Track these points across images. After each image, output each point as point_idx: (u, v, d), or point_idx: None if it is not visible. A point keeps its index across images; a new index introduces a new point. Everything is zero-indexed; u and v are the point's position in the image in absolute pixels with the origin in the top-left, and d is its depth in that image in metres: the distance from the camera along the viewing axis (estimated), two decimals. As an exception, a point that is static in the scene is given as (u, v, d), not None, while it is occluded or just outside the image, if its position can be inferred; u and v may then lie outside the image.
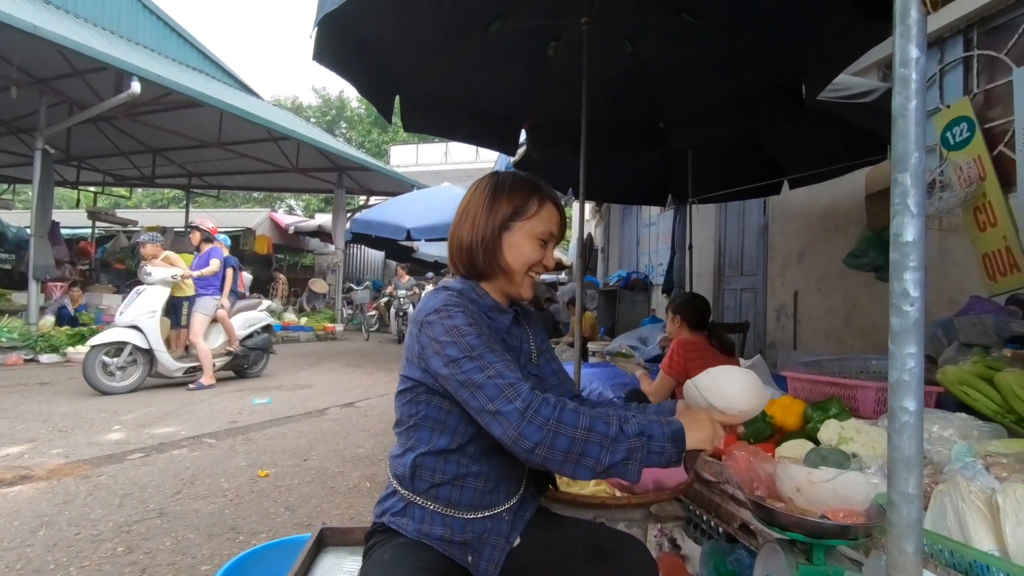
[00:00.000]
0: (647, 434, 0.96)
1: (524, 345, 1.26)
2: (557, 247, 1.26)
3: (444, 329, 1.03)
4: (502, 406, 0.96)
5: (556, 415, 0.95)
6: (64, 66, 8.00)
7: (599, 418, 0.97)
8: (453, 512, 1.11)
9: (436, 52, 3.12)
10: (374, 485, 3.08)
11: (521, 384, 0.98)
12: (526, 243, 1.16)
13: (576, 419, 0.95)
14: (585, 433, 0.94)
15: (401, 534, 1.11)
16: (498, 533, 1.13)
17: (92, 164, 12.92)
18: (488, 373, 0.99)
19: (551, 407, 0.96)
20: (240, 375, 6.58)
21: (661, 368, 2.87)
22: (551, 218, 1.18)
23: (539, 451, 0.94)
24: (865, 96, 3.50)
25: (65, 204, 19.05)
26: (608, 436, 0.95)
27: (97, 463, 3.31)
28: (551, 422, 0.94)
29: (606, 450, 0.94)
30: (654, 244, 8.82)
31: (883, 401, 1.75)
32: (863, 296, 4.71)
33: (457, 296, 1.11)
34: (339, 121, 30.25)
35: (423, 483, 1.12)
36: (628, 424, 0.97)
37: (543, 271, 1.20)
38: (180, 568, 2.11)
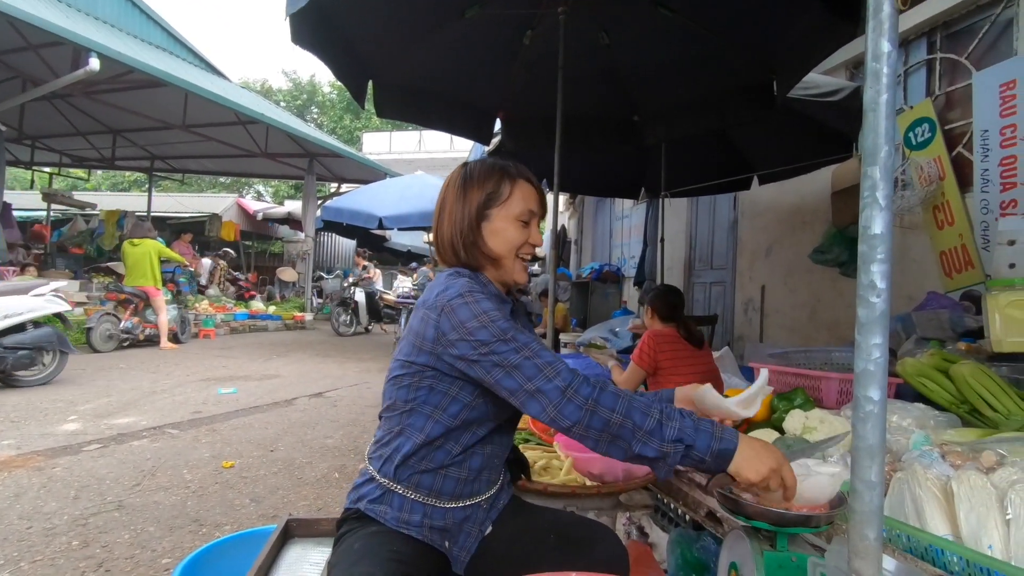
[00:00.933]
0: (687, 442, 0.93)
1: None
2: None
3: (472, 314, 1.01)
4: (542, 384, 0.96)
5: (595, 395, 0.95)
6: (17, 39, 7.60)
7: (637, 408, 0.95)
8: (433, 501, 1.10)
9: (411, 37, 3.06)
10: (343, 476, 3.04)
11: (559, 363, 0.98)
12: (507, 227, 1.15)
13: (615, 403, 0.95)
14: (621, 418, 0.94)
15: (377, 521, 1.09)
16: (474, 520, 1.14)
17: (48, 144, 12.36)
18: (524, 354, 0.98)
19: (591, 387, 0.96)
20: (5, 383, 4.88)
21: (632, 359, 2.90)
22: (527, 196, 1.17)
23: (576, 429, 0.95)
24: (833, 95, 3.58)
25: (18, 185, 18.25)
26: (643, 428, 0.94)
27: (51, 455, 3.18)
28: (590, 402, 0.94)
29: (638, 440, 0.94)
30: (627, 237, 8.91)
31: (846, 392, 1.80)
32: (827, 291, 4.84)
33: (475, 281, 1.11)
34: (310, 106, 29.60)
35: (406, 470, 1.10)
36: (669, 424, 0.94)
37: (532, 251, 1.17)
38: (139, 562, 2.05)
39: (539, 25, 3.11)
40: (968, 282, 3.50)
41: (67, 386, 5.01)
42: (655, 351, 2.78)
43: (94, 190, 20.07)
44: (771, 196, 5.39)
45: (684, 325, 2.91)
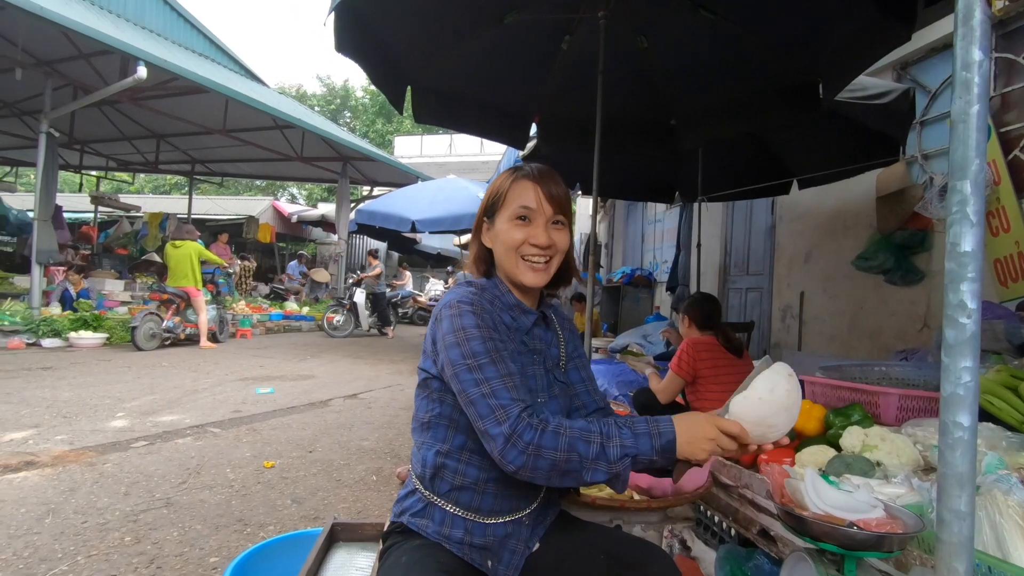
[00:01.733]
0: (631, 455, 0.94)
1: (552, 349, 1.23)
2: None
3: (452, 327, 1.03)
4: (490, 427, 0.96)
5: (537, 439, 0.94)
6: (70, 49, 7.94)
7: (579, 439, 0.94)
8: (474, 516, 1.09)
9: (449, 44, 3.09)
10: (380, 479, 3.07)
11: (513, 406, 0.96)
12: (505, 228, 1.14)
13: (556, 442, 0.94)
14: (565, 455, 0.94)
15: (420, 535, 1.10)
16: (518, 537, 1.12)
17: (95, 148, 12.87)
18: (483, 390, 0.98)
19: (533, 431, 0.95)
20: None
21: (670, 367, 2.86)
22: (522, 194, 1.14)
23: (523, 473, 0.95)
24: (880, 97, 3.46)
25: (68, 188, 19.02)
26: (588, 457, 0.94)
27: (102, 450, 3.30)
28: (531, 446, 0.94)
29: (587, 470, 0.94)
30: (659, 241, 8.79)
31: (906, 408, 1.74)
32: (869, 298, 4.69)
33: (476, 292, 1.09)
34: (343, 110, 30.13)
35: (444, 484, 1.10)
36: (610, 444, 0.94)
37: (535, 251, 1.12)
38: (188, 559, 2.10)
39: (577, 30, 3.10)
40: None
41: (114, 383, 5.19)
42: (694, 359, 2.73)
43: (137, 193, 20.83)
44: (811, 200, 5.25)
45: (723, 333, 2.86)
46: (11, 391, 4.61)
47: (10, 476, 2.82)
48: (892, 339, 4.38)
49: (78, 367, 5.91)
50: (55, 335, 7.21)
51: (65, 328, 7.31)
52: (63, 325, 7.33)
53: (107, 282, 9.93)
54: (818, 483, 1.03)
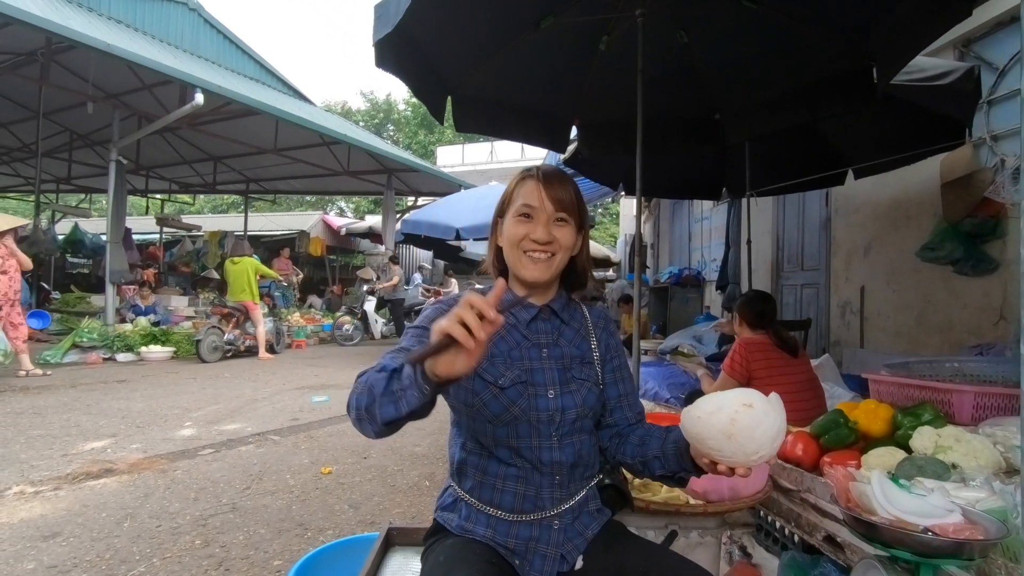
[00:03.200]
0: (390, 368, 0.92)
1: (569, 347, 1.19)
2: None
3: (415, 323, 1.17)
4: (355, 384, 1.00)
5: (361, 379, 0.97)
6: (134, 81, 8.48)
7: (377, 372, 0.95)
8: (495, 512, 1.10)
9: (487, 52, 3.12)
10: (433, 484, 3.12)
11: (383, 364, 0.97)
12: (510, 224, 1.17)
13: (366, 375, 0.96)
14: (367, 387, 0.93)
15: (447, 529, 1.13)
16: (548, 543, 1.09)
17: (159, 173, 13.68)
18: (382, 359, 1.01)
19: (364, 378, 0.97)
20: None
21: (723, 368, 2.78)
22: (526, 193, 1.17)
23: (352, 413, 0.95)
24: (942, 78, 3.28)
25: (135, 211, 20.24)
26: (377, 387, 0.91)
27: (172, 458, 3.48)
28: (357, 384, 0.97)
29: (376, 400, 0.90)
30: (706, 239, 8.59)
31: (982, 407, 1.63)
32: (938, 291, 4.42)
33: (454, 300, 1.15)
34: (387, 124, 30.87)
35: (468, 481, 1.14)
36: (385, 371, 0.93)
37: (535, 246, 1.14)
38: (254, 562, 2.19)
39: (615, 30, 3.07)
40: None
41: (182, 394, 5.47)
42: (748, 360, 2.65)
43: (198, 213, 21.96)
44: (868, 190, 5.01)
45: (776, 332, 2.76)
46: (91, 403, 4.93)
47: (92, 482, 3.01)
48: (964, 333, 4.11)
49: (149, 379, 6.27)
50: (128, 350, 7.67)
51: (137, 343, 7.77)
52: (135, 340, 7.80)
53: (172, 298, 10.50)
54: (887, 486, 0.98)
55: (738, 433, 0.90)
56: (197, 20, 10.88)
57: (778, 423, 0.93)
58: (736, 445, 0.91)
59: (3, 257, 5.88)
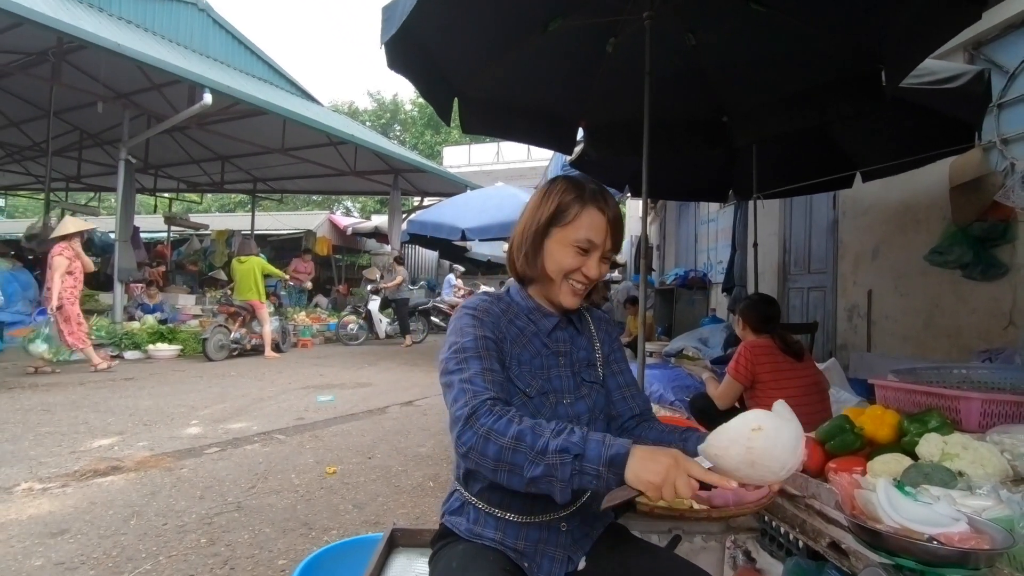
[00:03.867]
0: (573, 452, 0.89)
1: (581, 352, 1.22)
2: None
3: (453, 327, 1.10)
4: (457, 410, 0.97)
5: (491, 423, 0.94)
6: (143, 81, 8.54)
7: (529, 430, 0.92)
8: (504, 514, 1.10)
9: (494, 54, 3.12)
10: (437, 485, 3.12)
11: (484, 393, 0.97)
12: (560, 250, 1.13)
13: (508, 428, 0.93)
14: (513, 442, 0.91)
15: (455, 533, 1.12)
16: (556, 544, 1.10)
17: (167, 172, 13.76)
18: (462, 377, 1.00)
19: (492, 416, 0.94)
20: None
21: (727, 371, 2.77)
22: (591, 225, 1.12)
23: (472, 456, 0.94)
24: (951, 81, 3.25)
25: (144, 210, 20.37)
26: (533, 448, 0.90)
27: (179, 456, 3.50)
28: (483, 428, 0.93)
29: (530, 462, 0.90)
30: (712, 241, 8.55)
31: (990, 414, 1.62)
32: (947, 295, 4.39)
33: (488, 299, 1.15)
34: (393, 124, 30.95)
35: (476, 483, 1.12)
36: (557, 439, 0.91)
37: (585, 280, 1.14)
38: (259, 561, 2.20)
39: (622, 32, 3.07)
40: None
41: (188, 392, 5.51)
42: (752, 363, 2.64)
43: (205, 212, 22.08)
44: (876, 193, 4.98)
45: (780, 336, 2.75)
46: (99, 400, 4.97)
47: (99, 480, 3.04)
48: (973, 339, 4.08)
49: (156, 377, 6.32)
50: (136, 347, 7.72)
51: (144, 341, 7.82)
52: (143, 338, 7.85)
53: (180, 297, 10.57)
54: (892, 494, 0.98)
55: (759, 459, 0.90)
56: (206, 20, 10.94)
57: (794, 434, 0.93)
58: (762, 470, 0.91)
59: (70, 259, 6.30)
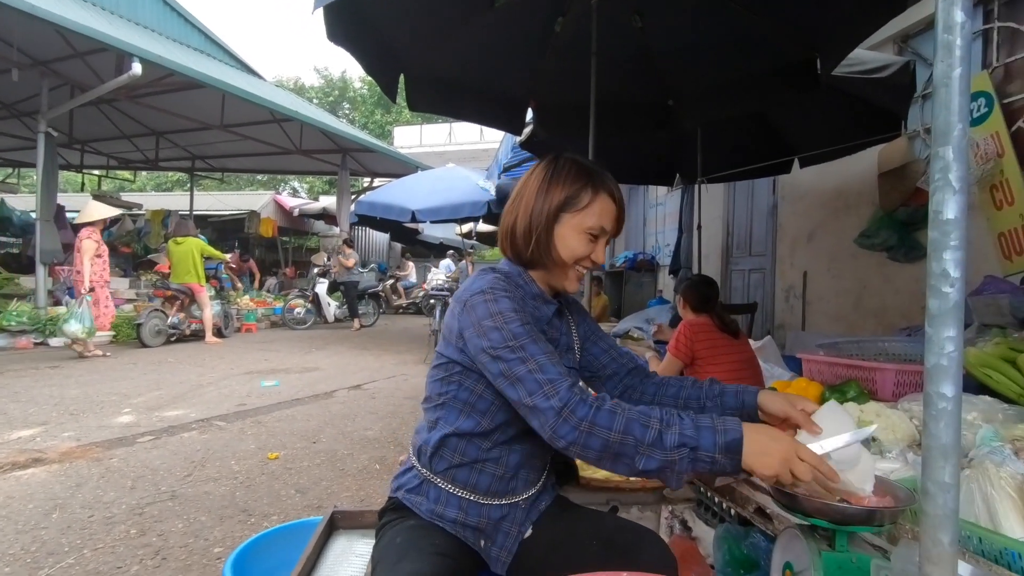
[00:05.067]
0: (690, 445, 0.89)
1: (564, 338, 1.22)
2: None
3: (488, 313, 1.01)
4: (540, 402, 0.94)
5: (591, 416, 0.92)
6: (65, 47, 7.92)
7: (636, 421, 0.91)
8: (469, 495, 1.09)
9: (441, 29, 3.05)
10: (383, 467, 3.09)
11: (561, 381, 0.95)
12: (573, 236, 1.11)
13: (611, 421, 0.91)
14: (620, 436, 0.91)
15: (414, 513, 1.11)
16: (512, 520, 1.12)
17: (95, 147, 12.88)
18: (529, 366, 0.96)
19: (587, 407, 0.92)
20: None
21: (668, 350, 2.85)
22: (604, 212, 1.13)
23: (573, 449, 0.93)
24: (880, 71, 3.41)
25: (70, 188, 19.07)
26: (644, 442, 0.90)
27: (108, 446, 3.33)
28: (585, 423, 0.91)
29: (641, 455, 0.90)
30: (661, 224, 8.74)
31: (902, 383, 1.72)
32: (873, 277, 4.65)
33: (504, 279, 1.09)
34: (342, 102, 30.00)
35: (442, 462, 1.11)
36: (669, 431, 0.90)
37: (591, 266, 1.15)
38: (193, 550, 2.13)
39: (571, 11, 3.05)
40: (1030, 265, 3.32)
41: (121, 380, 5.23)
42: (692, 341, 2.72)
43: (140, 191, 20.87)
44: (813, 179, 5.20)
45: (718, 315, 2.85)
46: (19, 390, 4.66)
47: (18, 473, 2.85)
48: (897, 317, 4.34)
49: (85, 365, 5.97)
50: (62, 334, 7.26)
51: (72, 326, 7.35)
52: (69, 324, 7.37)
53: (112, 280, 9.97)
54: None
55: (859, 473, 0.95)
56: (135, -16, 10.22)
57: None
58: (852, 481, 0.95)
59: (98, 242, 6.83)
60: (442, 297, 7.72)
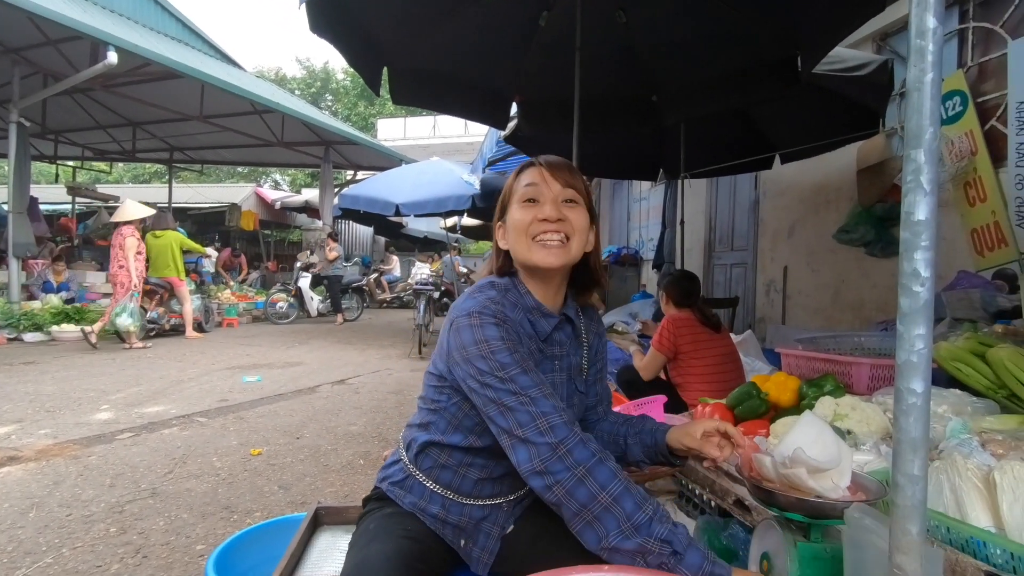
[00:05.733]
0: (676, 550, 0.84)
1: (572, 357, 1.15)
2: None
3: (473, 339, 0.97)
4: (533, 436, 0.90)
5: (589, 463, 0.88)
6: (37, 35, 7.69)
7: (633, 496, 0.87)
8: (452, 496, 1.10)
9: (426, 22, 3.03)
10: (368, 463, 3.09)
11: (555, 416, 0.92)
12: (514, 213, 1.09)
13: (609, 480, 0.87)
14: (610, 500, 0.86)
15: (396, 504, 1.11)
16: (494, 521, 1.12)
17: (70, 138, 12.56)
18: (521, 399, 0.92)
19: (589, 453, 0.89)
20: None
21: (652, 344, 2.88)
22: (527, 176, 1.10)
23: (557, 490, 0.89)
24: (859, 69, 3.47)
25: (43, 179, 18.59)
26: (631, 520, 0.85)
27: (86, 443, 3.28)
28: (581, 468, 0.88)
29: (621, 531, 0.85)
30: (644, 219, 8.80)
31: (877, 378, 1.77)
32: (852, 271, 4.74)
33: (499, 298, 1.03)
34: (324, 94, 29.60)
35: (427, 461, 1.11)
36: (659, 524, 0.85)
37: (546, 226, 1.05)
38: (175, 548, 2.11)
39: (555, 5, 3.05)
40: (1001, 260, 3.41)
41: (98, 376, 5.14)
42: (675, 336, 2.76)
43: (116, 183, 20.42)
44: (793, 175, 5.27)
45: (700, 309, 2.89)
46: (-8, 387, 4.56)
47: (-7, 472, 2.80)
48: (874, 311, 4.44)
49: (61, 361, 5.86)
50: (37, 329, 7.11)
51: (47, 322, 7.21)
52: (44, 319, 7.23)
53: (88, 274, 9.77)
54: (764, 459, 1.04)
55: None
56: (110, -29, 9.95)
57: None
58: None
59: (138, 239, 7.07)
60: (427, 291, 7.68)
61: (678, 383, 2.78)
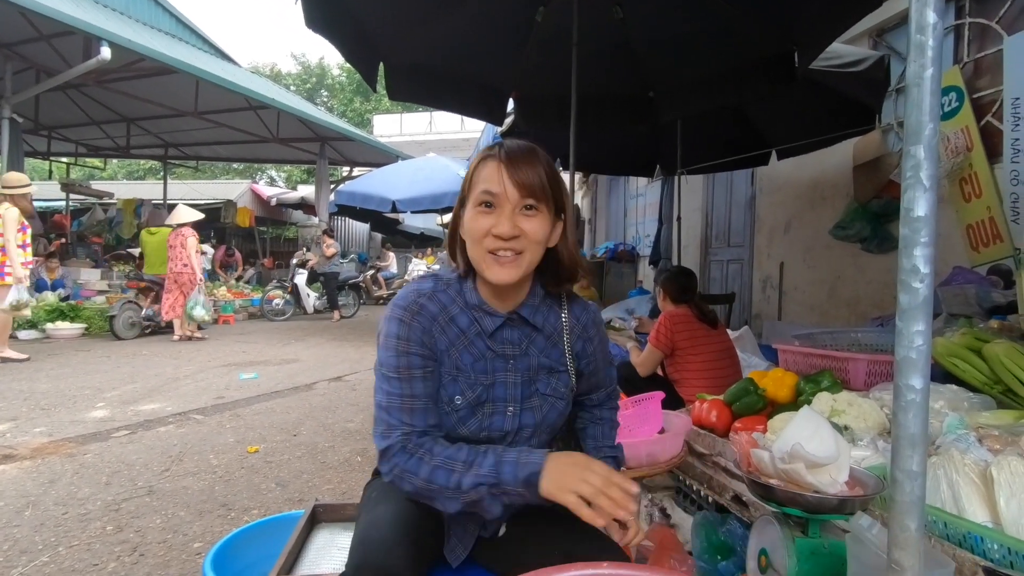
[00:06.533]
0: (488, 483, 0.93)
1: (538, 357, 1.09)
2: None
3: (382, 330, 1.05)
4: (376, 436, 1.02)
5: (403, 464, 0.97)
6: (29, 30, 7.63)
7: (440, 468, 0.95)
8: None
9: (422, 18, 3.01)
10: (365, 459, 3.08)
11: (397, 429, 0.99)
12: (470, 216, 1.00)
13: (419, 468, 0.96)
14: (425, 483, 0.96)
15: None
16: (474, 520, 1.08)
17: (63, 134, 12.48)
18: (382, 400, 1.01)
19: (404, 455, 0.98)
20: None
21: (648, 340, 2.88)
22: (486, 176, 0.99)
23: (395, 485, 1.00)
24: (855, 65, 3.46)
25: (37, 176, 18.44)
26: (446, 487, 0.95)
27: (82, 441, 3.26)
28: (397, 468, 0.97)
29: (442, 498, 0.96)
30: (641, 215, 8.80)
31: (874, 373, 1.77)
32: (848, 267, 4.75)
33: (430, 291, 1.04)
34: (320, 89, 29.46)
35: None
36: (468, 473, 0.94)
37: (499, 243, 0.98)
38: (172, 546, 2.10)
39: (552, 1, 3.04)
40: (996, 256, 3.42)
41: (94, 373, 5.12)
42: (672, 332, 2.76)
43: (110, 179, 20.30)
44: (790, 171, 5.28)
45: (697, 305, 2.89)
46: (-13, 385, 4.53)
47: (-12, 470, 2.79)
48: (869, 307, 4.45)
49: (56, 358, 5.83)
50: (31, 326, 7.07)
51: (42, 319, 7.17)
52: (39, 316, 7.18)
53: (83, 271, 9.72)
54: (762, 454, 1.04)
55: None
56: (103, -35, 9.86)
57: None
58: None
59: (197, 238, 7.31)
60: None
61: (675, 379, 2.78)
